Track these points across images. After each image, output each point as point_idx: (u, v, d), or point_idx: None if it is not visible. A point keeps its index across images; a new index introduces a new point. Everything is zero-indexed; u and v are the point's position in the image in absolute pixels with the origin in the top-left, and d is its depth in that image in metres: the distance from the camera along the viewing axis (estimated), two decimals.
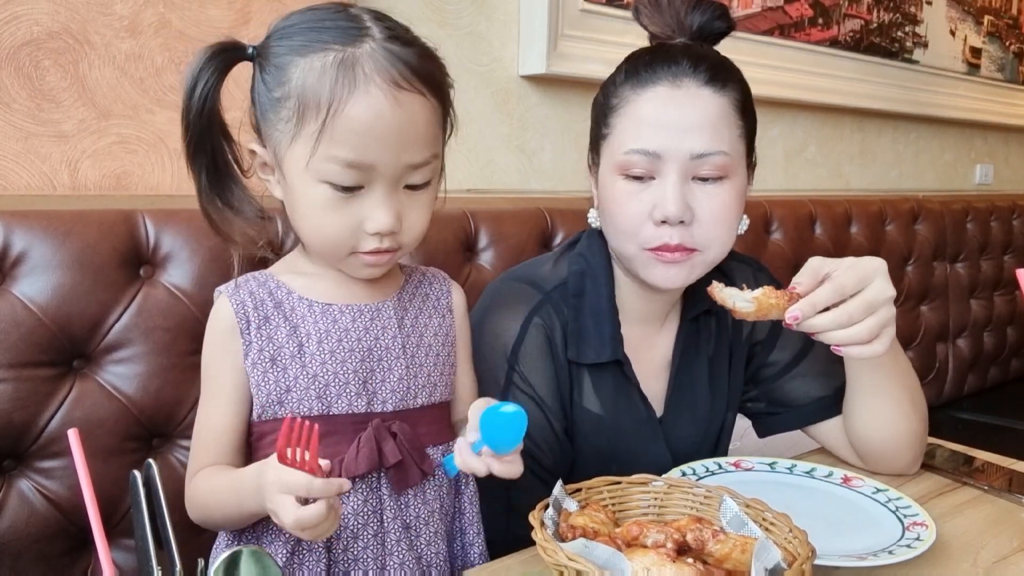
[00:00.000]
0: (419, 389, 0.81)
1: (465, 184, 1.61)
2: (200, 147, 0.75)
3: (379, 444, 0.76)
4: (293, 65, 0.71)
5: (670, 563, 0.60)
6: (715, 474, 0.96)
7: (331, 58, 0.70)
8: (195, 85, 0.72)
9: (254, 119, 0.77)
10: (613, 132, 0.92)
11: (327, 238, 0.74)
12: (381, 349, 0.79)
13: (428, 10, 1.53)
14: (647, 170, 0.89)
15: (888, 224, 2.21)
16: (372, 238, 0.74)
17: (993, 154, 3.07)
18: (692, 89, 0.89)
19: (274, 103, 0.72)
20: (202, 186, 0.77)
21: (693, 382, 1.04)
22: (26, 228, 0.98)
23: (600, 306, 0.97)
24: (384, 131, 0.70)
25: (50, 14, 1.12)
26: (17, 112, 1.12)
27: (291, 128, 0.71)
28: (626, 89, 0.92)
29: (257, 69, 0.75)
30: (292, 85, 0.71)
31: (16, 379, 0.95)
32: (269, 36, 0.75)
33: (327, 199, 0.72)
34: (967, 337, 2.47)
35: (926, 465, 1.03)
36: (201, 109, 0.73)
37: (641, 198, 0.89)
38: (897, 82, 2.51)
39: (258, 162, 0.78)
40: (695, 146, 0.88)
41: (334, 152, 0.70)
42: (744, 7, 2.06)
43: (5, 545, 0.94)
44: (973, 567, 0.78)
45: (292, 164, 0.73)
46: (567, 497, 0.76)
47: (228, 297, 0.78)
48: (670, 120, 0.88)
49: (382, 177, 0.72)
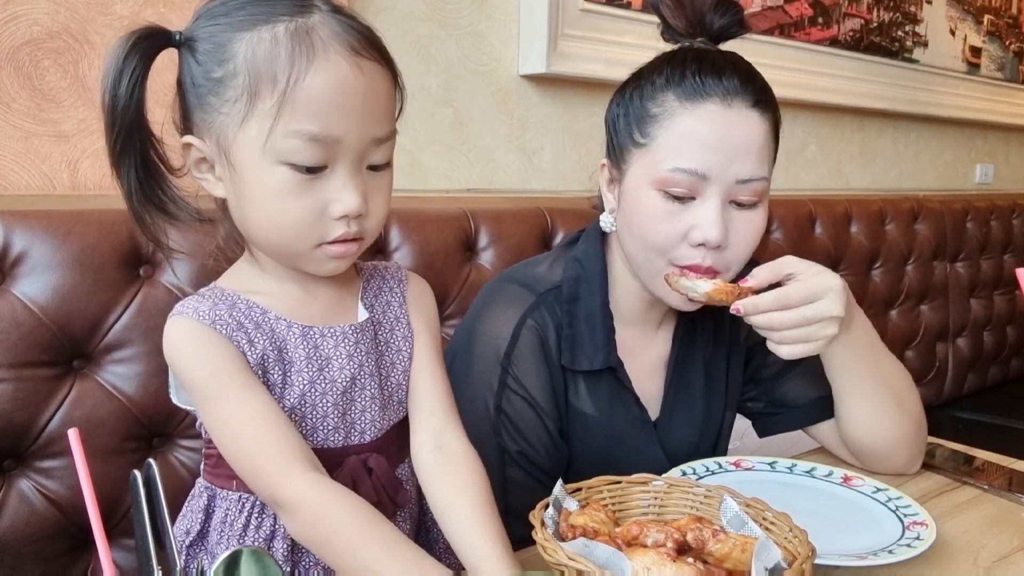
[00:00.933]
0: (393, 411, 0.77)
1: (465, 184, 1.61)
2: (128, 145, 0.67)
3: (355, 485, 0.71)
4: (237, 40, 0.65)
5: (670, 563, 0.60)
6: (715, 473, 0.96)
7: (281, 28, 0.64)
8: (120, 76, 0.65)
9: (182, 111, 0.70)
10: (654, 143, 0.88)
11: (288, 229, 0.67)
12: (364, 376, 0.73)
13: (428, 10, 1.53)
14: (689, 190, 0.86)
15: (888, 223, 2.21)
16: (339, 223, 0.67)
17: (993, 153, 3.07)
18: (743, 110, 0.86)
19: (215, 84, 0.65)
20: (132, 189, 0.69)
21: (689, 383, 1.03)
22: (26, 228, 0.98)
23: (594, 312, 0.96)
24: (348, 100, 0.65)
25: (50, 14, 1.12)
26: (17, 112, 1.12)
27: (240, 108, 0.64)
28: (670, 98, 0.87)
29: (187, 54, 0.68)
30: (239, 61, 0.64)
31: (16, 379, 0.95)
32: (197, 19, 0.69)
33: (287, 183, 0.65)
34: (967, 336, 2.47)
35: (926, 464, 1.03)
36: (128, 102, 0.66)
37: (681, 217, 0.87)
38: (897, 81, 2.51)
39: (193, 158, 0.69)
40: (741, 171, 0.86)
41: (296, 126, 0.63)
42: (744, 6, 2.05)
43: (5, 545, 0.94)
44: (973, 566, 0.78)
45: (244, 148, 0.65)
46: (567, 497, 0.76)
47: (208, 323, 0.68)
48: (721, 141, 0.85)
49: (346, 154, 0.66)
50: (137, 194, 0.69)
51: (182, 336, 0.69)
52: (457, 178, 1.61)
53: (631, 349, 1.00)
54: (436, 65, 1.55)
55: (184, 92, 0.69)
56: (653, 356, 1.03)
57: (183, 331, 0.69)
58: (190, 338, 0.69)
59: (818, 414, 1.04)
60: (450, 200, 1.43)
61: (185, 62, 0.68)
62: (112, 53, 0.66)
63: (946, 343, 2.40)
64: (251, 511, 0.72)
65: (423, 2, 1.52)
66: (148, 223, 0.70)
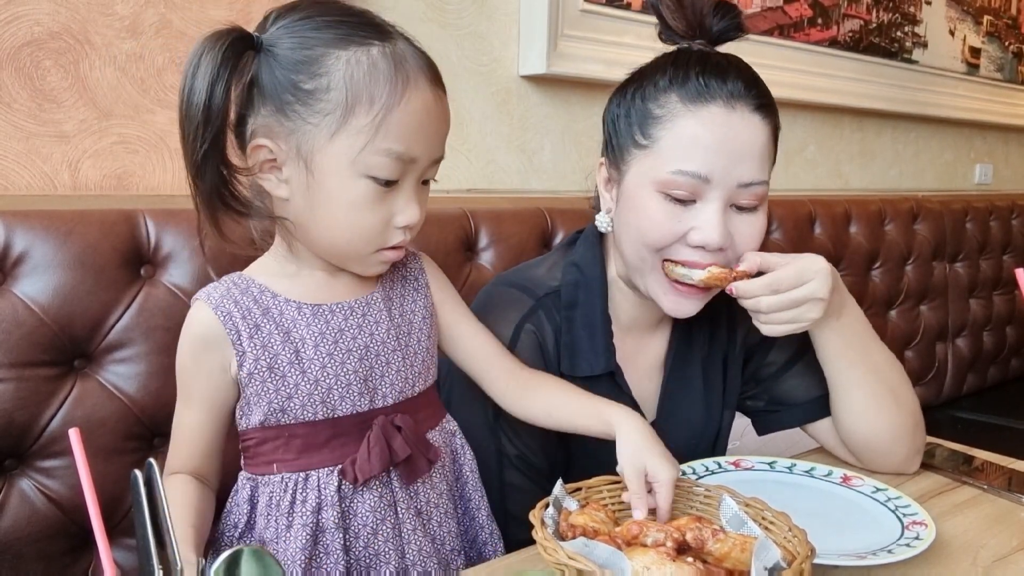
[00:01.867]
0: (416, 377, 0.81)
1: (465, 184, 1.62)
2: (214, 147, 0.69)
3: (388, 442, 0.76)
4: (331, 56, 0.69)
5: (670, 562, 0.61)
6: (715, 473, 0.96)
7: (376, 51, 0.70)
8: (217, 79, 0.67)
9: (245, 111, 0.72)
10: (657, 145, 0.87)
11: (358, 235, 0.73)
12: (377, 344, 0.78)
13: (428, 10, 1.53)
14: (691, 192, 0.86)
15: (887, 224, 2.22)
16: (398, 232, 0.75)
17: (992, 154, 3.07)
18: (746, 114, 0.86)
19: (305, 95, 0.69)
20: (212, 190, 0.71)
21: (687, 384, 1.03)
22: (27, 228, 0.98)
23: (594, 318, 0.96)
24: (430, 125, 0.73)
25: (51, 14, 1.12)
26: (18, 112, 1.12)
27: (332, 121, 0.69)
28: (673, 100, 0.87)
29: (268, 59, 0.70)
30: (335, 77, 0.69)
31: (17, 379, 0.95)
32: (275, 26, 0.72)
33: (367, 194, 0.71)
34: (966, 337, 2.47)
35: (925, 464, 1.03)
36: (222, 105, 0.68)
37: (681, 219, 0.87)
38: (896, 82, 2.51)
39: (261, 159, 0.72)
40: (744, 174, 0.86)
41: (387, 145, 0.70)
42: (744, 7, 2.06)
43: (6, 544, 0.95)
44: (972, 566, 0.78)
45: (330, 158, 0.70)
46: (567, 496, 0.76)
47: (213, 308, 0.74)
48: (724, 145, 0.85)
49: (415, 171, 0.73)
50: (217, 195, 0.71)
51: (188, 324, 0.77)
52: (457, 178, 1.61)
53: (629, 353, 1.00)
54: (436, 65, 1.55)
55: (259, 95, 0.71)
56: (650, 358, 1.04)
57: (190, 320, 0.77)
58: (191, 335, 0.77)
59: (817, 412, 1.04)
60: (450, 200, 1.43)
61: (265, 67, 0.71)
62: (205, 57, 0.67)
63: (945, 343, 2.40)
64: (295, 489, 0.76)
65: (424, 3, 1.52)
66: (221, 222, 0.73)
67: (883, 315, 2.19)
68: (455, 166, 1.60)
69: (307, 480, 0.75)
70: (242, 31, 0.71)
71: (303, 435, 0.76)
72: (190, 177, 0.71)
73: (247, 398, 0.76)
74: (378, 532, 0.78)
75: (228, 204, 0.72)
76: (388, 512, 0.78)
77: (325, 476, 0.76)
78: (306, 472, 0.75)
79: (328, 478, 0.76)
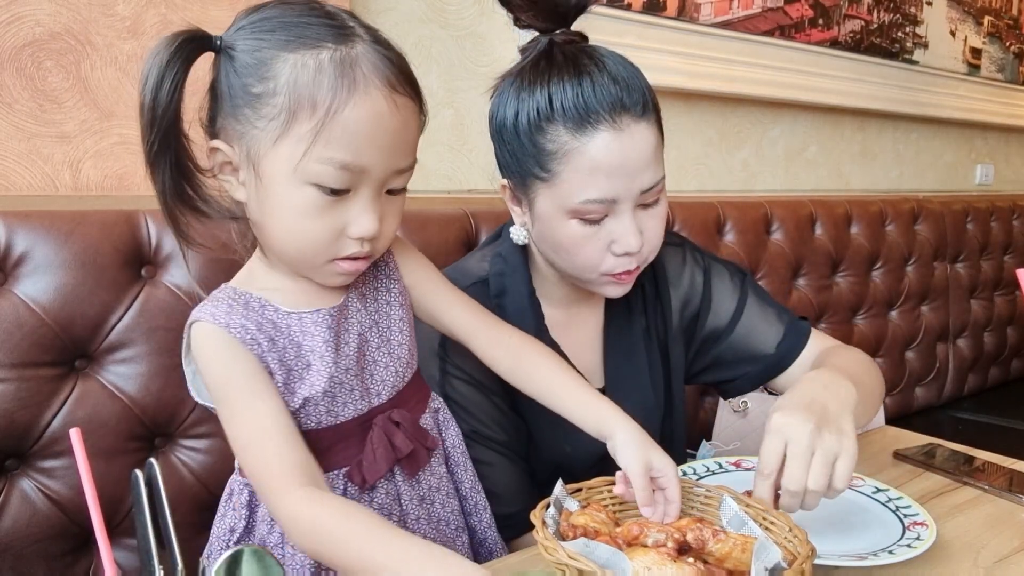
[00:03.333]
0: (403, 369, 0.81)
1: (466, 184, 1.62)
2: (164, 146, 0.68)
3: (390, 439, 0.77)
4: (280, 60, 0.67)
5: (671, 562, 0.61)
6: (715, 474, 0.96)
7: (326, 56, 0.67)
8: (162, 79, 0.66)
9: (211, 113, 0.72)
10: (558, 179, 0.88)
11: (307, 244, 0.71)
12: (364, 343, 0.78)
13: (428, 10, 1.53)
14: (602, 212, 0.89)
15: (888, 224, 2.21)
16: (353, 243, 0.71)
17: (993, 154, 3.07)
18: (632, 128, 0.87)
19: (253, 99, 0.67)
20: (165, 187, 0.70)
21: (630, 353, 1.05)
22: (28, 228, 0.98)
23: (522, 303, 1.00)
24: (381, 134, 0.69)
25: (52, 15, 1.13)
26: (19, 113, 1.12)
27: (276, 127, 0.67)
28: (560, 132, 0.87)
29: (225, 61, 0.69)
30: (280, 81, 0.66)
31: (18, 379, 0.96)
32: (239, 28, 0.70)
33: (312, 202, 0.68)
34: (967, 337, 2.47)
35: (926, 465, 1.03)
36: (169, 104, 0.67)
37: (599, 236, 0.90)
38: (897, 83, 2.51)
39: (219, 161, 0.71)
40: (643, 182, 0.88)
41: (330, 154, 0.67)
42: (744, 8, 2.06)
43: (7, 545, 0.95)
44: (973, 567, 0.78)
45: (275, 164, 0.68)
46: (568, 497, 0.76)
47: (224, 327, 0.71)
48: (621, 168, 0.87)
49: (370, 181, 0.70)
50: (171, 193, 0.70)
51: (204, 340, 0.71)
52: (458, 179, 1.61)
53: (564, 327, 1.03)
54: (437, 66, 1.55)
55: (218, 97, 0.70)
56: (588, 329, 1.06)
57: (204, 335, 0.72)
58: (211, 343, 0.71)
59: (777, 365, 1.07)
60: (451, 201, 1.43)
61: (223, 69, 0.70)
62: (155, 56, 0.66)
63: (946, 344, 2.40)
64: None
65: (424, 3, 1.52)
66: (180, 221, 0.72)
67: (884, 316, 2.19)
68: (456, 167, 1.60)
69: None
70: (196, 32, 0.69)
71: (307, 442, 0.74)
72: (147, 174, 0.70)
73: None
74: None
75: (187, 203, 0.71)
76: (393, 507, 0.79)
77: (331, 481, 0.75)
78: None
79: (335, 482, 0.76)
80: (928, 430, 1.21)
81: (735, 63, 2.04)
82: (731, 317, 1.09)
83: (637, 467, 0.74)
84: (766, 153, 2.26)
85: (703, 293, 1.11)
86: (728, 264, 1.14)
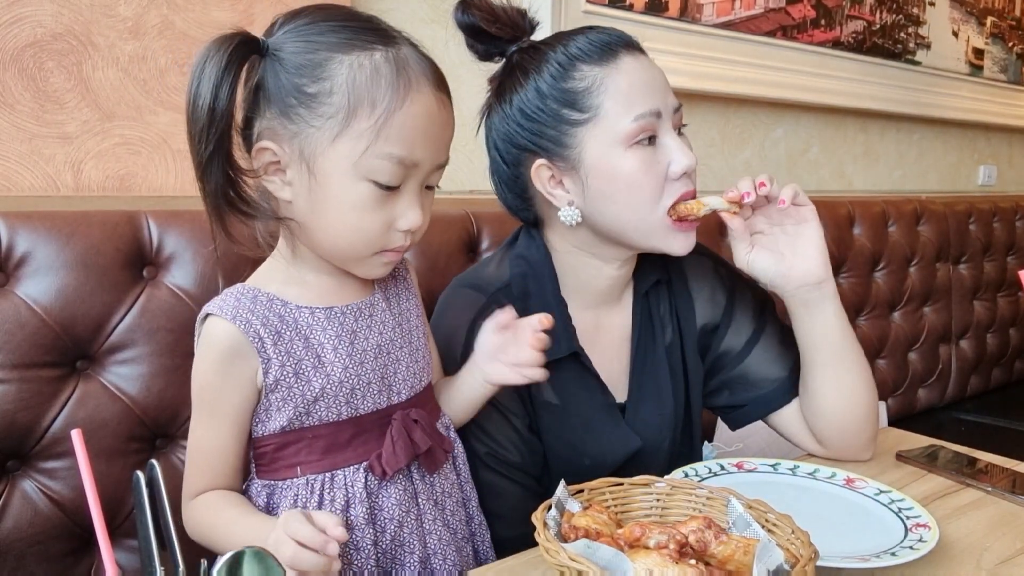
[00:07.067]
0: (421, 372, 0.84)
1: (467, 185, 1.61)
2: (218, 149, 0.69)
3: (409, 435, 0.79)
4: (335, 61, 0.70)
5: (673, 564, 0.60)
6: (717, 475, 0.96)
7: (379, 56, 0.71)
8: (221, 82, 0.67)
9: (251, 114, 0.73)
10: (601, 111, 0.91)
11: (360, 237, 0.74)
12: (387, 342, 0.81)
13: (429, 10, 1.53)
14: (653, 131, 0.91)
15: (891, 225, 2.21)
16: (400, 235, 0.75)
17: (996, 155, 3.07)
18: (638, 53, 0.94)
19: (308, 99, 0.70)
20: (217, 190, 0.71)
21: (654, 363, 1.04)
22: (30, 229, 0.98)
23: (547, 304, 0.97)
24: (432, 130, 0.73)
25: (54, 16, 1.13)
26: (21, 113, 1.12)
27: (334, 125, 0.70)
28: (587, 67, 0.92)
29: (273, 63, 0.72)
30: (338, 81, 0.70)
31: (20, 380, 0.96)
32: (282, 31, 0.73)
33: (368, 197, 0.72)
34: (970, 338, 2.46)
35: (929, 466, 1.03)
36: (226, 107, 0.68)
37: (656, 159, 0.91)
38: (900, 83, 2.51)
39: (266, 161, 0.73)
40: (673, 100, 0.94)
41: (388, 149, 0.70)
42: (747, 8, 2.06)
43: (9, 545, 0.95)
44: (976, 569, 0.78)
45: (332, 162, 0.71)
46: (569, 498, 0.76)
47: (230, 319, 0.74)
48: (652, 80, 0.92)
49: (418, 176, 0.74)
50: (222, 195, 0.71)
51: (210, 340, 0.75)
52: (459, 179, 1.61)
53: (591, 332, 1.01)
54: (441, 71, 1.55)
55: (265, 98, 0.72)
56: (615, 335, 1.04)
57: (213, 334, 0.75)
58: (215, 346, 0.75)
59: (782, 397, 1.06)
60: (452, 201, 1.43)
61: (270, 71, 0.72)
62: (209, 59, 0.68)
63: (949, 345, 2.39)
64: (322, 489, 0.77)
65: (425, 4, 1.52)
66: (227, 223, 0.73)
67: (886, 317, 2.18)
68: (457, 167, 1.60)
69: (333, 479, 0.77)
70: (247, 35, 0.71)
71: (327, 435, 0.77)
72: (197, 177, 0.71)
73: (269, 405, 0.76)
74: (403, 524, 0.80)
75: (234, 205, 0.72)
76: (411, 504, 0.81)
77: (352, 473, 0.77)
78: (331, 472, 0.77)
79: (355, 475, 0.77)
80: (931, 431, 1.21)
81: (737, 64, 2.04)
82: (748, 339, 1.07)
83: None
84: (768, 154, 2.26)
85: (724, 309, 1.08)
86: (752, 286, 1.11)
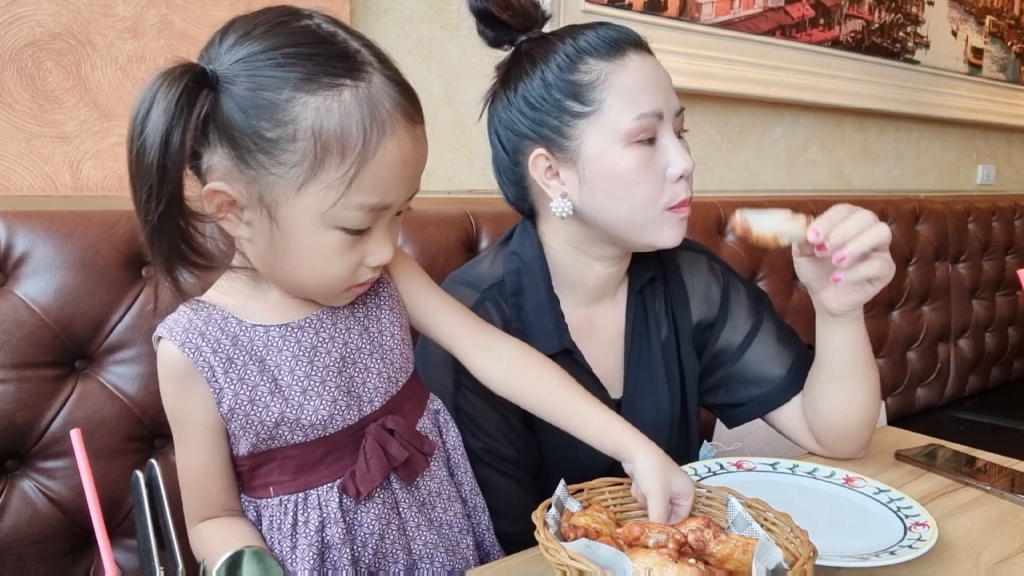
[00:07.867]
0: (396, 373, 0.79)
1: (467, 185, 1.61)
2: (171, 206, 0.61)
3: (384, 448, 0.75)
4: (297, 103, 0.62)
5: (672, 563, 0.60)
6: (717, 474, 0.96)
7: (348, 95, 0.63)
8: (170, 131, 0.59)
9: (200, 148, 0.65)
10: (603, 107, 0.90)
11: (328, 280, 0.70)
12: (352, 352, 0.75)
13: (430, 11, 1.53)
14: (653, 132, 0.91)
15: (890, 224, 2.20)
16: (368, 271, 0.71)
17: (995, 154, 3.07)
18: (649, 55, 0.94)
19: (268, 144, 0.63)
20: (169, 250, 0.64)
21: (649, 359, 1.04)
22: (28, 229, 0.98)
23: (540, 300, 0.96)
24: (407, 171, 0.68)
25: (52, 15, 1.13)
26: (19, 113, 1.12)
27: (299, 174, 0.63)
28: (594, 61, 0.91)
29: (225, 99, 0.63)
30: (301, 127, 0.62)
31: (18, 379, 0.96)
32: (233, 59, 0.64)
33: (337, 243, 0.67)
34: (969, 338, 2.47)
35: (928, 465, 1.03)
36: (176, 164, 0.60)
37: (655, 160, 0.91)
38: (899, 82, 2.51)
39: (219, 202, 0.66)
40: (676, 102, 0.93)
41: (361, 199, 0.65)
42: (745, 7, 2.06)
43: (8, 545, 0.95)
44: (975, 568, 0.78)
45: (297, 211, 0.65)
46: (569, 497, 0.76)
47: (179, 345, 0.69)
48: (657, 81, 0.92)
49: (389, 214, 0.70)
50: (177, 254, 0.64)
51: (163, 362, 0.72)
52: (459, 179, 1.61)
53: (585, 328, 1.01)
54: (437, 66, 1.55)
55: (216, 131, 0.64)
56: (609, 331, 1.04)
57: (163, 357, 0.72)
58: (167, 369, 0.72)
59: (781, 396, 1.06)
60: (452, 201, 1.43)
61: (222, 107, 0.63)
62: (156, 106, 0.60)
63: (948, 344, 2.40)
64: (295, 510, 0.74)
65: (424, 4, 1.52)
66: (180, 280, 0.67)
67: (885, 316, 2.18)
68: (456, 167, 1.60)
69: (307, 499, 0.73)
70: (194, 69, 0.63)
71: (297, 455, 0.73)
72: (145, 238, 0.63)
73: (233, 431, 0.73)
74: (384, 537, 0.76)
75: (188, 260, 0.65)
76: (392, 515, 0.77)
77: (325, 493, 0.74)
78: (305, 492, 0.73)
79: (329, 495, 0.74)
80: (929, 431, 1.21)
81: (736, 63, 2.04)
82: (745, 336, 1.08)
83: (659, 492, 0.73)
84: (767, 153, 2.26)
85: (720, 305, 1.09)
86: (747, 283, 1.12)
